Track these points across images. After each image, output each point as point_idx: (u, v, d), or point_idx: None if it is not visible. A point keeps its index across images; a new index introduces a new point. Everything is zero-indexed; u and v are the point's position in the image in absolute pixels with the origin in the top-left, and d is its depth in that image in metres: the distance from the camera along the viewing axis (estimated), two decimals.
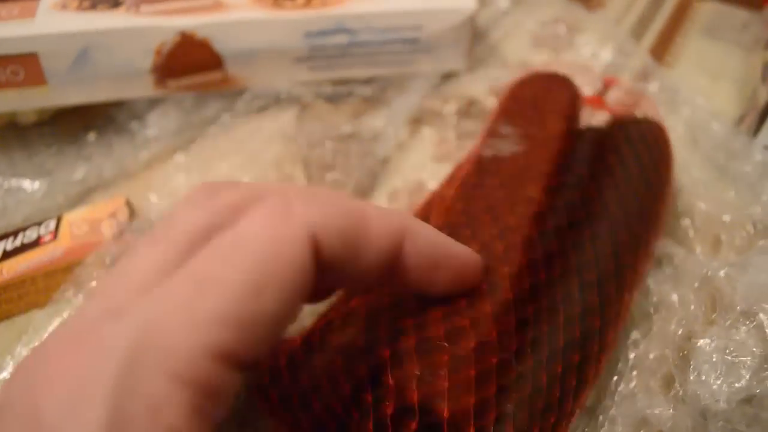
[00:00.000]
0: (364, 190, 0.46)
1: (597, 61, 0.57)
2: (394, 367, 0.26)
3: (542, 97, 0.41)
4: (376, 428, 0.25)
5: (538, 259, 0.31)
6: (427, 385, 0.25)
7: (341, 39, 0.50)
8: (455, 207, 0.35)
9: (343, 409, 0.27)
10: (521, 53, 0.58)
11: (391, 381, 0.26)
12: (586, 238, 0.34)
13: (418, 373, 0.26)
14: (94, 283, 0.38)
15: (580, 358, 0.29)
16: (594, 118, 0.45)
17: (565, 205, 0.34)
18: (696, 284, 0.35)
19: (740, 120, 0.50)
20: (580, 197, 0.35)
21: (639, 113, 0.43)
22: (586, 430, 0.33)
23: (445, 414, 0.25)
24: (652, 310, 0.36)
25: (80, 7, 0.48)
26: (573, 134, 0.39)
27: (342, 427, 0.27)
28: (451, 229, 0.33)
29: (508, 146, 0.37)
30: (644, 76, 0.55)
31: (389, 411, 0.25)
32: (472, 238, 0.32)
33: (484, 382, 0.26)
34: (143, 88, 0.50)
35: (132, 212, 0.43)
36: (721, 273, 0.35)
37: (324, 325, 0.30)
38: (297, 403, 0.28)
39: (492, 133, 0.39)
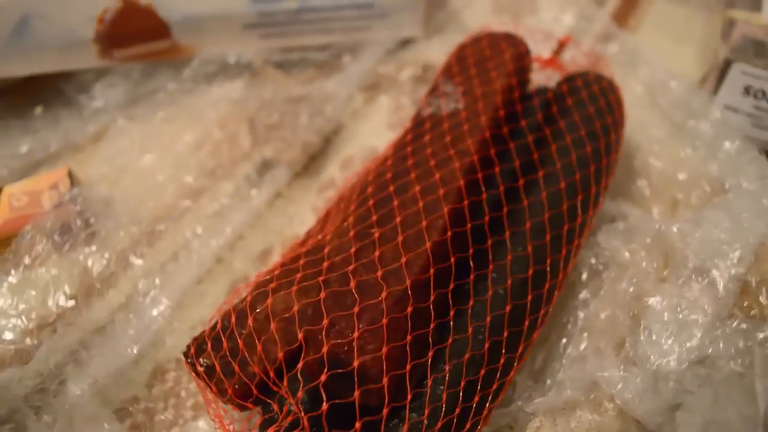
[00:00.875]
0: (315, 153, 0.45)
1: (558, 25, 0.56)
2: (305, 322, 0.26)
3: (487, 55, 0.39)
4: (290, 382, 0.25)
5: (464, 210, 0.30)
6: (336, 336, 0.25)
7: (291, 4, 0.48)
8: (386, 165, 0.34)
9: (263, 371, 0.26)
10: (482, 20, 0.57)
11: (300, 336, 0.25)
12: (521, 187, 0.33)
13: (327, 325, 0.25)
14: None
15: (512, 309, 0.28)
16: (551, 80, 0.44)
17: (500, 156, 0.34)
18: (648, 240, 0.34)
19: (702, 80, 0.48)
20: (519, 147, 0.34)
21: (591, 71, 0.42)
22: (533, 394, 0.31)
23: (355, 363, 0.24)
24: (602, 268, 0.34)
25: None
26: (520, 90, 0.38)
27: (264, 388, 0.26)
28: (377, 186, 0.32)
29: (448, 103, 0.36)
30: (605, 39, 0.54)
31: (300, 366, 0.25)
32: (397, 194, 0.31)
33: (397, 331, 0.25)
34: (88, 58, 0.48)
35: (74, 182, 0.42)
36: (674, 228, 0.34)
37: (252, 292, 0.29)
38: (220, 369, 0.27)
39: (433, 92, 0.38)
